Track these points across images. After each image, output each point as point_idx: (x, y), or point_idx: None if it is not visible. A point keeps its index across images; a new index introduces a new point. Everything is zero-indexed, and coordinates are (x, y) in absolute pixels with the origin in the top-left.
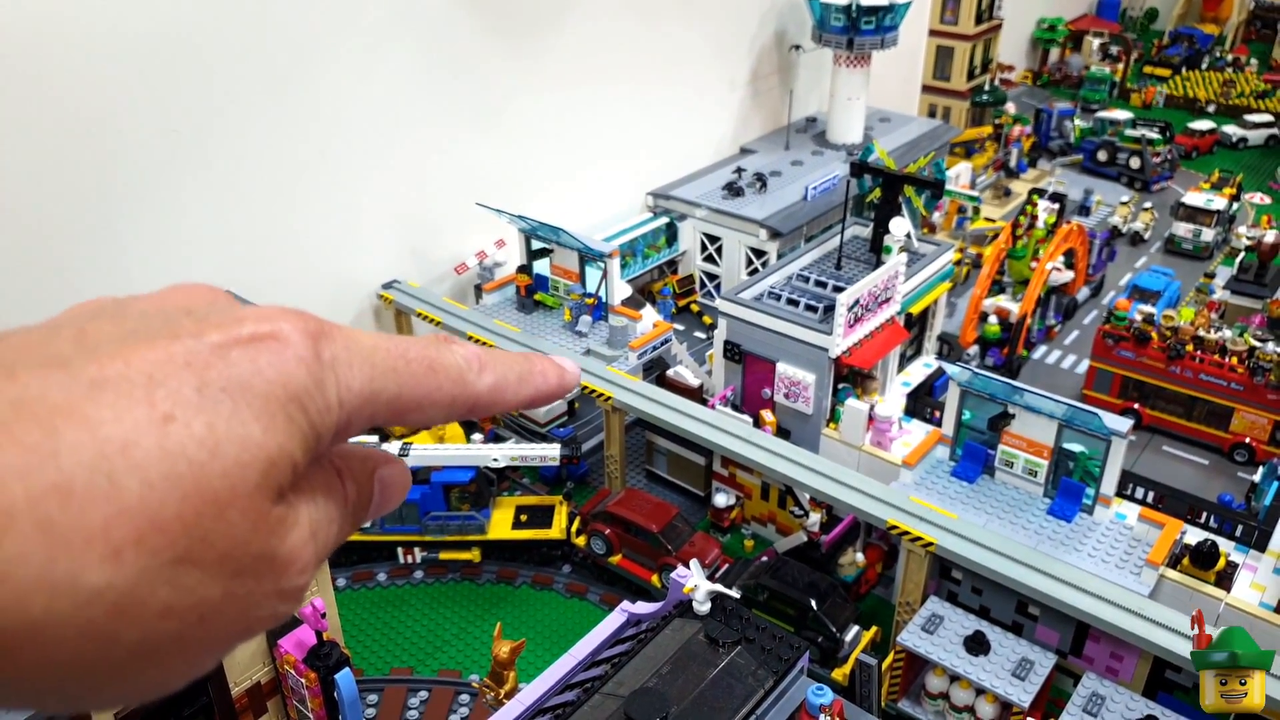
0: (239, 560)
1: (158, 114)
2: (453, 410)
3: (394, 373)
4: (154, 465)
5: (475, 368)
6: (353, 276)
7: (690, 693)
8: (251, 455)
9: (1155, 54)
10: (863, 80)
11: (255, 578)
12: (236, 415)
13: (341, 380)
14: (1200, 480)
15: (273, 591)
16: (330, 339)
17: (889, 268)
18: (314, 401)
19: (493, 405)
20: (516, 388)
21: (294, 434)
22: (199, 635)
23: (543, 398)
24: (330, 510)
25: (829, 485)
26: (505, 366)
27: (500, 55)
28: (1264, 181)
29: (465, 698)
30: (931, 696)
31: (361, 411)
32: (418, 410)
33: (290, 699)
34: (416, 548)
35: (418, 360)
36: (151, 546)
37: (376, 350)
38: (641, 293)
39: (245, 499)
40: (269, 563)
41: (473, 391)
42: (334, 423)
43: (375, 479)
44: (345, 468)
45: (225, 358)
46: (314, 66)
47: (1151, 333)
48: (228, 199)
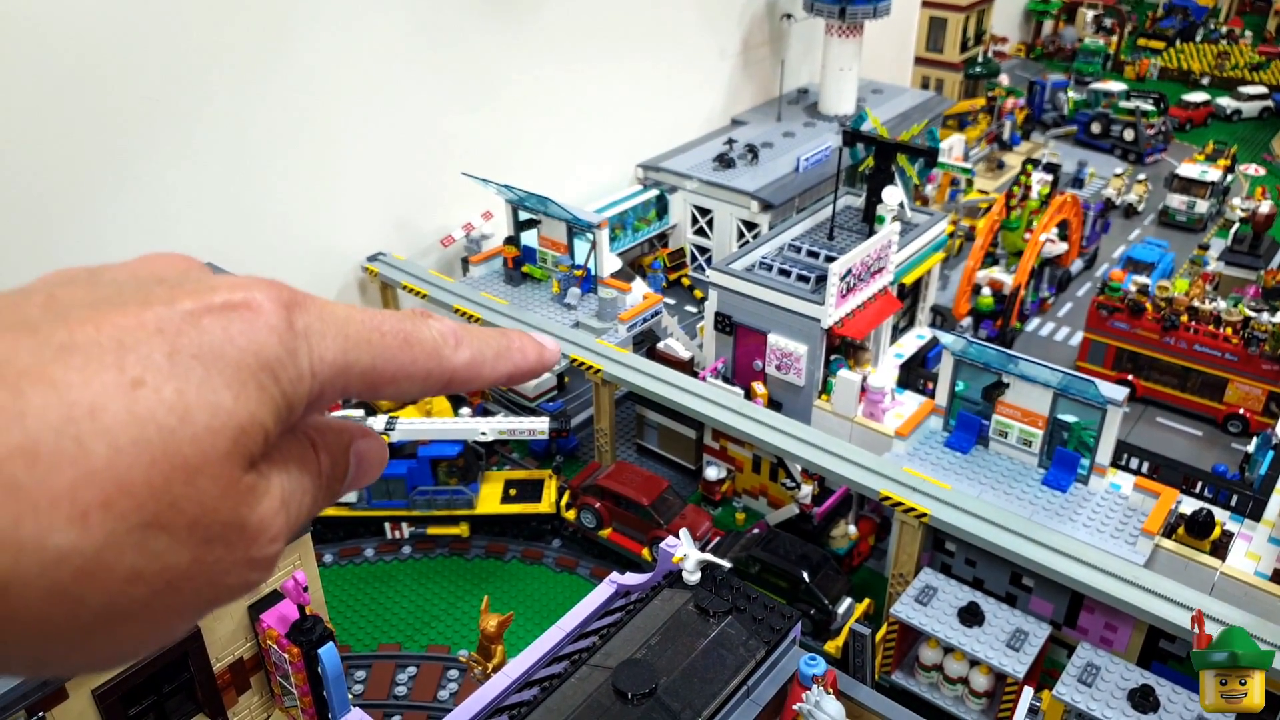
0: (208, 527)
1: (134, 82)
2: (428, 384)
3: (368, 345)
4: (122, 429)
5: (451, 343)
6: (337, 249)
7: (680, 664)
8: (222, 422)
9: (1149, 26)
10: (855, 50)
11: (225, 545)
12: (208, 382)
13: (314, 350)
14: (1194, 451)
15: (243, 560)
16: (304, 309)
17: (882, 237)
18: (286, 370)
19: (469, 381)
20: (494, 364)
21: (266, 402)
22: (167, 601)
23: (521, 374)
24: (303, 481)
25: (821, 457)
26: (482, 342)
27: (487, 23)
28: (1258, 153)
29: (454, 673)
30: (925, 668)
31: (335, 382)
32: (392, 383)
33: (274, 674)
34: (404, 523)
35: (392, 333)
36: (119, 510)
37: (350, 322)
38: (632, 266)
39: (215, 466)
40: (239, 530)
41: (448, 366)
42: (306, 392)
43: (351, 452)
44: (320, 439)
45: (197, 325)
46: (297, 34)
47: (1146, 304)
48: (209, 170)
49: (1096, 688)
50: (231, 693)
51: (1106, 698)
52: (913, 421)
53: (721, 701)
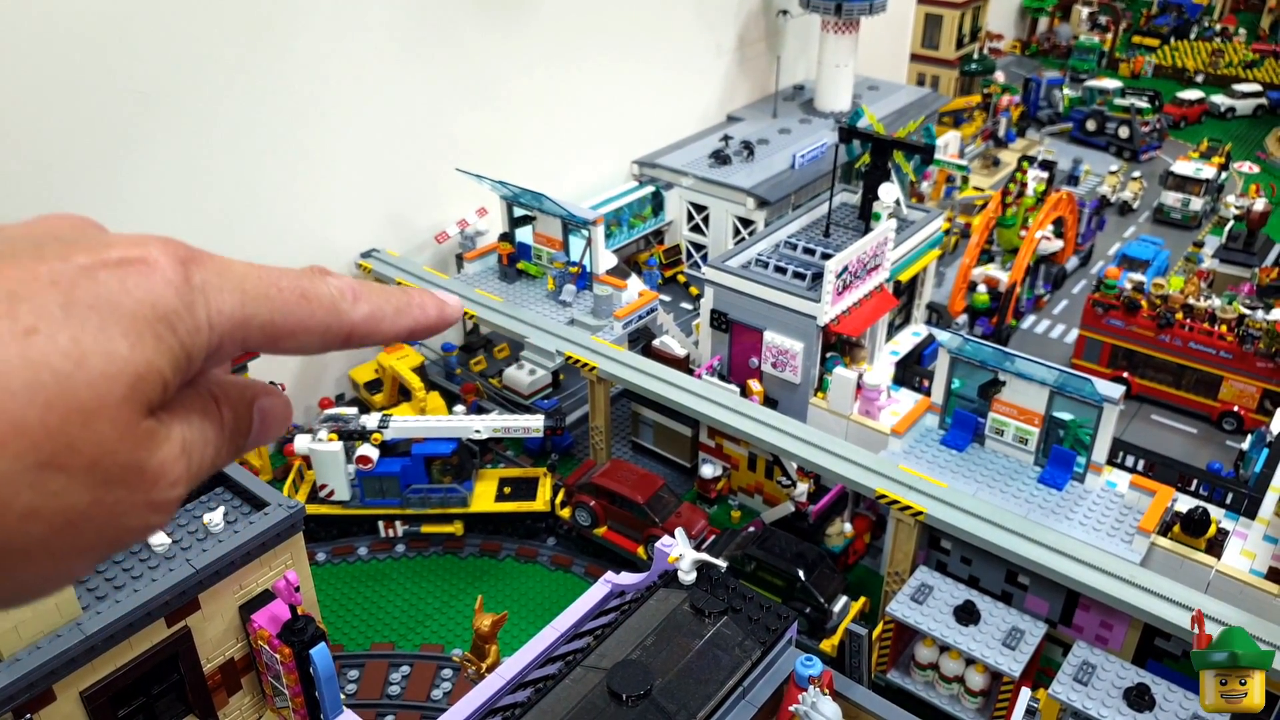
0: (107, 469)
1: (126, 76)
2: (328, 338)
3: (266, 299)
4: (15, 374)
5: (349, 298)
6: (330, 245)
7: (675, 665)
8: (118, 368)
9: (1144, 23)
10: (851, 47)
11: (125, 487)
12: (103, 331)
13: (212, 304)
14: (1189, 449)
15: (144, 503)
16: (200, 264)
17: (878, 234)
18: (183, 322)
19: (369, 335)
20: (394, 319)
21: (163, 352)
22: (67, 540)
23: (422, 330)
24: (205, 432)
25: (817, 455)
26: (382, 298)
27: (481, 19)
28: (1252, 150)
29: (448, 672)
30: (921, 667)
31: (233, 335)
32: (291, 337)
33: (265, 675)
34: (398, 521)
35: (290, 289)
36: (13, 450)
37: (248, 277)
38: (627, 263)
39: (113, 409)
40: (139, 473)
41: (347, 320)
42: (204, 344)
43: (254, 408)
44: (222, 395)
45: (93, 278)
46: (290, 29)
47: (1141, 301)
48: (202, 166)
49: (1092, 686)
50: (222, 694)
51: (1102, 696)
52: (909, 419)
53: (717, 703)
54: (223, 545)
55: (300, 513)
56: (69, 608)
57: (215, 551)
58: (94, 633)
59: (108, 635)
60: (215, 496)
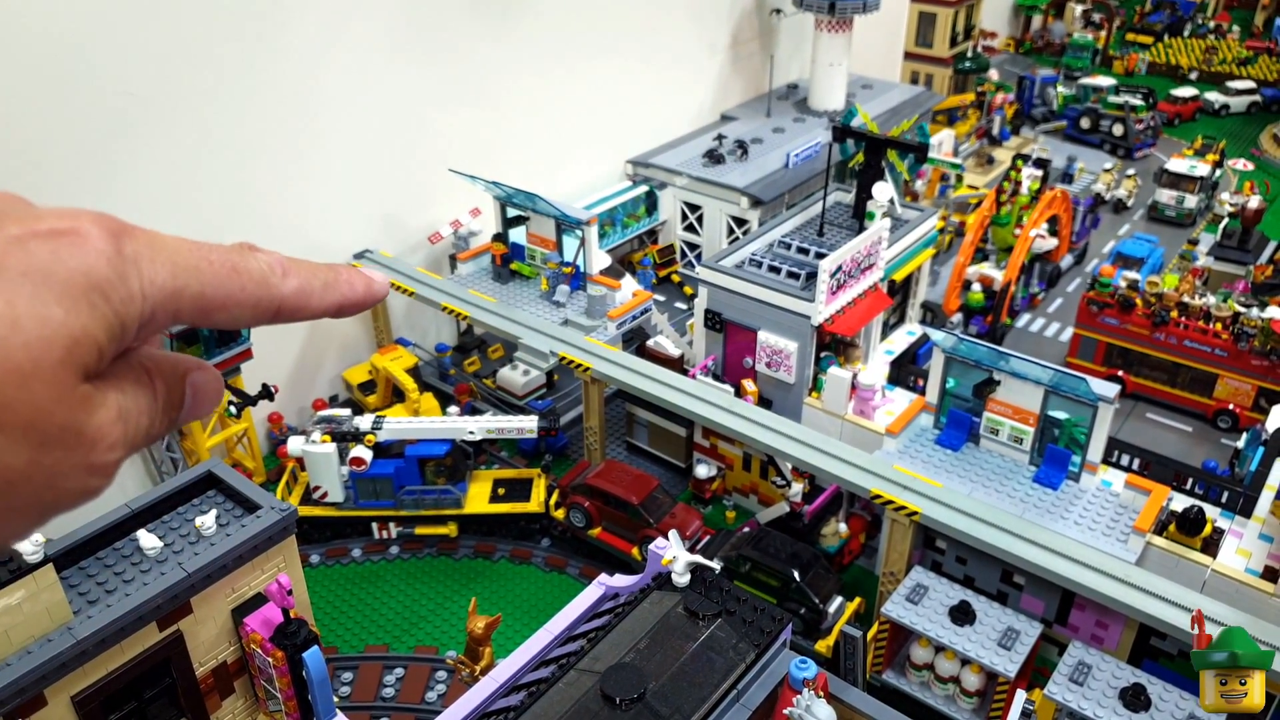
0: (44, 430)
1: (118, 78)
2: (258, 312)
3: (196, 271)
4: None
5: (279, 272)
6: (324, 246)
7: (669, 668)
8: (53, 332)
9: (1138, 21)
10: (844, 46)
11: (63, 448)
12: (38, 297)
13: (144, 274)
14: (1184, 447)
15: (82, 465)
16: (132, 236)
17: (872, 233)
18: (116, 291)
19: (299, 310)
20: (322, 294)
21: (97, 319)
22: (5, 500)
23: (350, 306)
24: (140, 401)
25: (811, 455)
26: (310, 273)
27: (475, 20)
28: (1246, 148)
29: (442, 674)
30: (916, 667)
31: (166, 306)
32: (223, 310)
33: (258, 678)
34: (392, 523)
35: (220, 262)
36: None
37: (179, 250)
38: (621, 263)
39: (49, 372)
40: (76, 435)
41: (277, 294)
42: (138, 313)
43: (187, 382)
44: (155, 368)
45: (24, 248)
46: (282, 30)
47: (1136, 299)
48: (194, 167)
49: (1088, 687)
50: (215, 697)
51: (1098, 697)
52: (903, 419)
53: (711, 706)
54: (215, 549)
55: (293, 516)
56: (60, 612)
57: (207, 555)
58: (85, 637)
59: (99, 639)
60: (207, 500)
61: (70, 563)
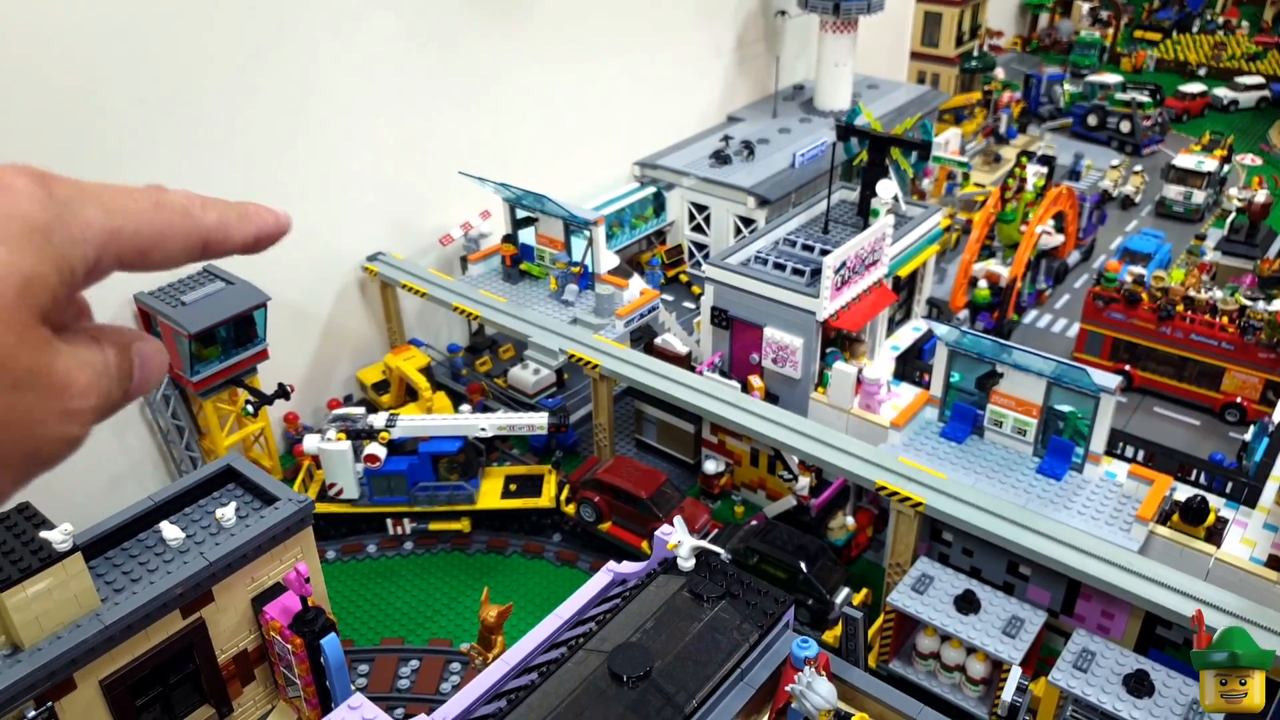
0: (12, 371)
1: (129, 83)
2: (189, 246)
3: (125, 211)
4: None
5: (198, 204)
6: (337, 249)
7: (674, 647)
8: (5, 271)
9: (1145, 18)
10: (850, 46)
11: (34, 392)
12: None
13: (79, 216)
14: (1192, 440)
15: (58, 411)
16: (59, 181)
17: (876, 230)
18: (56, 233)
19: (223, 241)
20: (240, 225)
21: (45, 260)
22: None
23: (265, 238)
24: (95, 362)
25: (818, 448)
26: (226, 206)
27: (484, 23)
28: (1255, 143)
29: (456, 666)
30: (923, 656)
31: (108, 248)
32: (157, 247)
33: (277, 665)
34: (406, 519)
35: (143, 198)
36: None
37: (104, 191)
38: (630, 263)
39: (7, 313)
40: (46, 378)
41: (202, 226)
42: (82, 255)
43: (133, 351)
44: (102, 336)
45: None
46: (294, 35)
47: (1142, 294)
48: (206, 172)
49: (1092, 673)
50: (236, 684)
51: (1101, 683)
52: (908, 412)
53: (715, 684)
54: (235, 539)
55: (310, 507)
56: (88, 599)
57: (228, 545)
58: (112, 623)
59: (125, 625)
60: (227, 492)
61: (97, 553)
